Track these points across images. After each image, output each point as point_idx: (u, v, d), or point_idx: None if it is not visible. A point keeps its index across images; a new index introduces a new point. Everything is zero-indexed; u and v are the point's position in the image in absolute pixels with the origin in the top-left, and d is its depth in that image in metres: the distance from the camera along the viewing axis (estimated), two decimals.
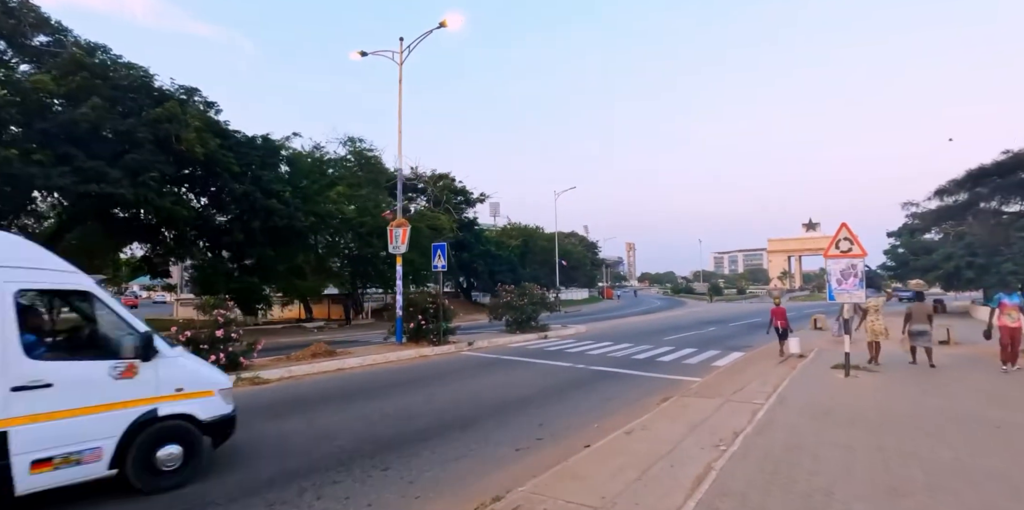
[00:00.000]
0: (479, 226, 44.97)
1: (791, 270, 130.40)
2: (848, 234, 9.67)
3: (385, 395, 9.69)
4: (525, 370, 12.53)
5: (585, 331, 22.64)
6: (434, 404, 8.96)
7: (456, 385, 10.67)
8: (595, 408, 8.56)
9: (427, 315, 15.72)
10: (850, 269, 9.59)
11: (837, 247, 9.76)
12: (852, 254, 9.59)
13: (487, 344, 17.17)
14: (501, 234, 55.95)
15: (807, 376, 10.29)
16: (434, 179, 38.77)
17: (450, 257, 37.30)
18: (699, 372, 11.97)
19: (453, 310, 16.84)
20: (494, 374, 12.03)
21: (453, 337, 16.80)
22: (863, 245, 9.59)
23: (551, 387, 10.32)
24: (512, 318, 20.06)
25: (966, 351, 14.39)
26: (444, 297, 16.79)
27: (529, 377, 11.51)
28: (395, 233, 15.79)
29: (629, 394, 9.67)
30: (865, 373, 10.33)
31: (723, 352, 15.59)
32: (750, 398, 8.53)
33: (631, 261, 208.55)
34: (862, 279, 9.50)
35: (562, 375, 11.76)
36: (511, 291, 20.41)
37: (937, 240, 34.73)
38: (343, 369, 12.62)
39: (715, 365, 13.09)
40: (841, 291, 9.65)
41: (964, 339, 17.45)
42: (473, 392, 9.92)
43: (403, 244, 15.64)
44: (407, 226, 15.68)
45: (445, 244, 16.58)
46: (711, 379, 10.70)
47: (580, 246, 74.69)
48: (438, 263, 16.27)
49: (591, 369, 12.55)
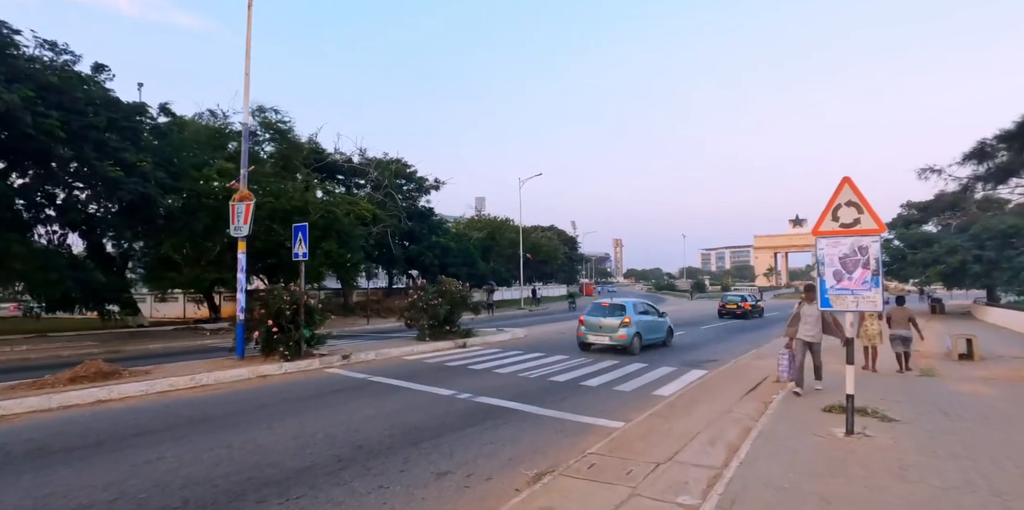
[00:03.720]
0: (437, 216, 40.71)
1: (777, 267, 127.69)
2: (854, 195, 5.71)
3: (120, 449, 5.73)
4: (380, 402, 8.51)
5: (523, 336, 18.64)
6: (157, 474, 5.02)
7: (241, 435, 6.62)
8: (399, 500, 4.55)
9: (282, 320, 11.65)
10: (857, 254, 5.63)
11: (835, 218, 5.80)
12: (860, 229, 5.64)
13: (372, 357, 13.11)
14: (467, 226, 51.83)
15: (786, 427, 6.35)
16: (383, 163, 34.45)
17: (394, 248, 33.36)
18: (628, 409, 8.06)
19: (324, 312, 12.76)
20: (324, 410, 7.99)
21: (324, 348, 12.76)
22: (878, 214, 5.62)
23: (376, 445, 6.29)
24: (426, 322, 15.99)
25: (1004, 373, 10.55)
26: (376, 293, 12.64)
27: (365, 420, 7.48)
28: (237, 209, 11.67)
29: (490, 462, 5.69)
30: (876, 424, 6.39)
31: (677, 370, 11.68)
32: (678, 486, 4.60)
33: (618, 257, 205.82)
34: (878, 271, 5.54)
35: (422, 414, 7.76)
36: (421, 289, 16.35)
37: (936, 231, 31.17)
38: (105, 401, 8.56)
39: (657, 395, 9.18)
40: (842, 293, 5.68)
41: (991, 351, 13.65)
42: (252, 449, 5.87)
43: (245, 224, 11.52)
44: (251, 200, 11.55)
45: (306, 225, 12.50)
46: (636, 428, 6.76)
47: (557, 240, 70.68)
48: (299, 250, 12.19)
49: (474, 402, 8.57)
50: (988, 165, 13.72)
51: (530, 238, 53.97)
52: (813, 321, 8.43)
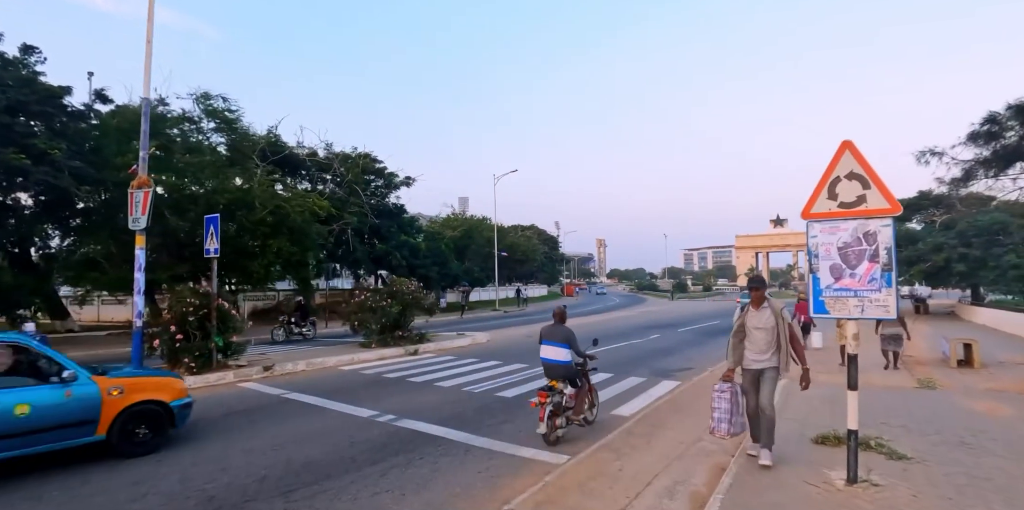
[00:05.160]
0: (409, 214, 38.97)
1: (758, 267, 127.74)
2: (857, 165, 4.28)
3: None
4: (279, 428, 6.94)
5: (485, 342, 17.12)
6: None
7: (57, 486, 4.99)
8: None
9: (188, 326, 10.02)
10: (862, 243, 4.21)
11: (832, 195, 4.38)
12: (867, 209, 4.21)
13: (301, 368, 11.50)
14: (442, 225, 50.16)
15: (768, 470, 4.92)
16: (351, 158, 32.61)
17: (358, 248, 31.59)
18: (578, 435, 6.58)
19: (239, 318, 11.13)
20: (201, 442, 6.38)
21: (244, 357, 11.14)
22: (890, 190, 4.21)
23: (234, 495, 4.73)
24: (375, 326, 14.38)
25: (1014, 385, 9.27)
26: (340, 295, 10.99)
27: (243, 454, 5.90)
28: (135, 198, 9.98)
29: None
30: (883, 463, 4.99)
31: (646, 382, 10.27)
32: None
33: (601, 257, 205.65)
34: (891, 265, 4.12)
35: (323, 444, 6.22)
36: (369, 289, 14.77)
37: (920, 229, 30.31)
38: None
39: (617, 414, 7.74)
40: (842, 294, 4.25)
41: (989, 356, 12.45)
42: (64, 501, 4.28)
43: (143, 216, 9.83)
44: (150, 187, 9.88)
45: (217, 217, 10.87)
46: (578, 467, 5.29)
47: (536, 240, 69.33)
48: (210, 246, 10.55)
49: (394, 427, 7.05)
50: (995, 146, 12.54)
51: (508, 237, 52.51)
52: (766, 338, 5.02)
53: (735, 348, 5.30)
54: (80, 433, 5.45)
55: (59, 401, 5.28)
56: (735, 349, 5.30)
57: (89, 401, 5.48)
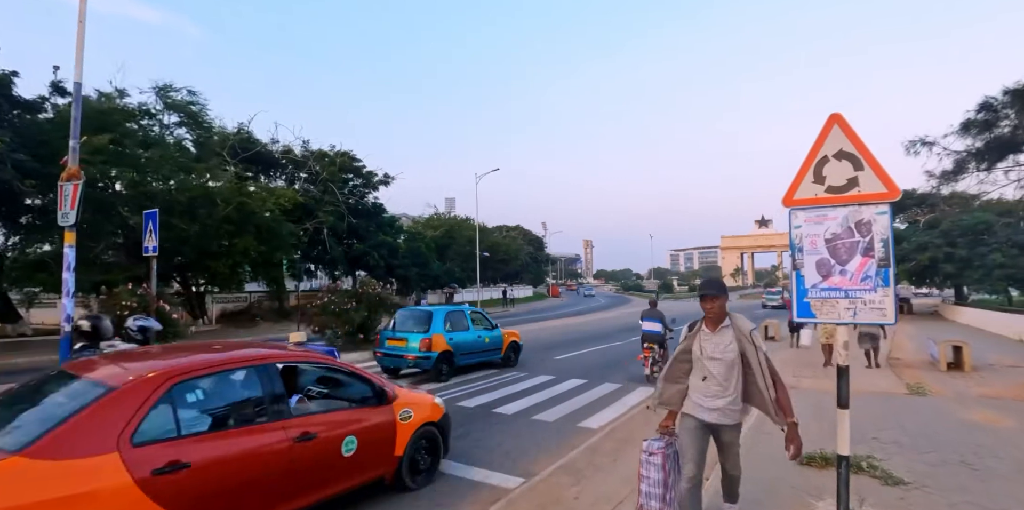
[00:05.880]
0: (389, 214, 38.07)
1: (744, 267, 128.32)
2: (849, 143, 3.62)
3: None
4: None
5: None
6: None
7: None
8: None
9: (122, 331, 9.15)
10: (854, 234, 3.54)
11: (818, 178, 3.71)
12: (860, 195, 3.55)
13: None
14: (424, 225, 49.37)
15: (747, 491, 4.25)
16: (329, 156, 31.66)
17: (334, 247, 30.66)
18: (538, 451, 5.92)
19: (183, 321, 10.31)
20: None
21: None
22: (887, 172, 3.55)
23: None
24: (339, 330, 13.59)
25: (1008, 391, 8.73)
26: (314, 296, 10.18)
27: None
28: (64, 191, 9.12)
29: None
30: (878, 489, 4.34)
31: (620, 389, 9.63)
32: None
33: (588, 258, 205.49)
34: (888, 261, 3.46)
35: None
36: (332, 291, 13.97)
37: (903, 229, 30.09)
38: None
39: (584, 427, 7.08)
40: (831, 294, 3.57)
41: (979, 358, 11.96)
42: None
43: (72, 210, 8.96)
44: (79, 179, 9.01)
45: (155, 212, 10.01)
46: (531, 493, 4.60)
47: (521, 240, 68.69)
48: (149, 244, 9.72)
49: None
50: (989, 135, 12.06)
51: (490, 237, 51.79)
52: (724, 374, 3.38)
53: (669, 383, 3.55)
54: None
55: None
56: (669, 384, 3.55)
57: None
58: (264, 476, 3.46)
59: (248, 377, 3.76)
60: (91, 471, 2.71)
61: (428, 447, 4.99)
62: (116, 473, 2.77)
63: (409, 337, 10.27)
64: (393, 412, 4.58)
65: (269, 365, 3.86)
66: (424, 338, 10.04)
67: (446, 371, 10.33)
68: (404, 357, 10.15)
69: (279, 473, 3.54)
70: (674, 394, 3.53)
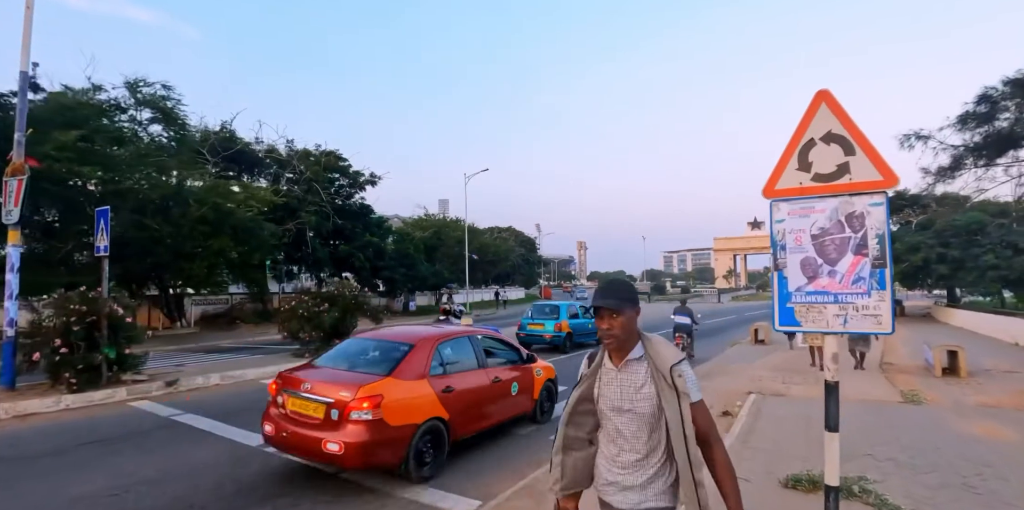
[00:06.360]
0: (376, 214, 37.43)
1: (737, 269, 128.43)
2: (839, 123, 3.14)
3: None
4: (145, 459, 5.59)
5: None
6: None
7: None
8: None
9: (72, 337, 8.60)
10: (844, 229, 3.06)
11: (803, 165, 3.23)
12: (851, 183, 3.06)
13: (215, 382, 10.11)
14: (413, 226, 48.69)
15: None
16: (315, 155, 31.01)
17: (317, 248, 30.00)
18: (502, 469, 5.44)
19: (139, 326, 9.74)
20: (28, 481, 5.03)
21: (148, 370, 9.77)
22: (882, 157, 3.07)
23: None
24: (312, 334, 13.00)
25: (1007, 399, 8.28)
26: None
27: (70, 504, 4.60)
28: (8, 187, 8.56)
29: None
30: None
31: None
32: None
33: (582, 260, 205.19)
34: (885, 259, 2.97)
35: (191, 482, 4.90)
36: (304, 292, 13.41)
37: (896, 230, 29.79)
38: None
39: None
40: (817, 298, 3.08)
41: (974, 363, 11.54)
42: None
43: (16, 207, 8.42)
44: (23, 175, 8.46)
45: (107, 209, 9.50)
46: None
47: (513, 241, 68.09)
48: (100, 243, 9.18)
49: (282, 461, 5.75)
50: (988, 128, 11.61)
51: (480, 238, 51.18)
52: (635, 428, 2.06)
53: (568, 451, 2.18)
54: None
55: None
56: (567, 453, 2.18)
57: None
58: (482, 399, 6.00)
59: (470, 342, 6.34)
60: (419, 387, 5.24)
61: (548, 395, 7.44)
62: (428, 389, 5.30)
63: (545, 322, 15.13)
64: (532, 370, 7.11)
65: (473, 336, 6.51)
66: (557, 323, 14.95)
67: (569, 346, 14.97)
68: (543, 336, 14.87)
69: (487, 399, 6.08)
70: (577, 466, 2.17)
